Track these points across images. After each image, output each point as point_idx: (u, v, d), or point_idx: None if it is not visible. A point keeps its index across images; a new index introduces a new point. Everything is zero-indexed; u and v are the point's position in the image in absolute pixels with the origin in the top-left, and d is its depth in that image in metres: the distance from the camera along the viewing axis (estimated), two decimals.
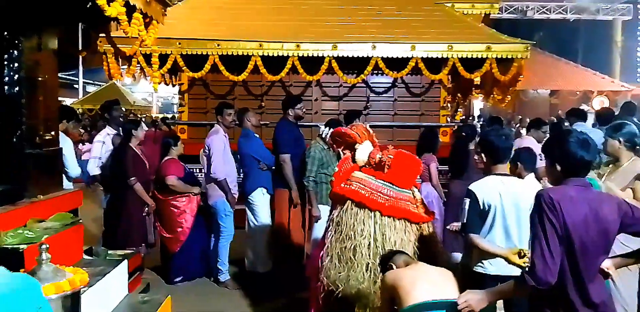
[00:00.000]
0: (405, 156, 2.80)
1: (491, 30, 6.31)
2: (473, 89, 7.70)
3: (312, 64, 5.90)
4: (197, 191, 4.56)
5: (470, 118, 11.21)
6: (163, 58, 5.82)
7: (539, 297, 2.00)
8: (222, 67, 5.81)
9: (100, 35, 4.54)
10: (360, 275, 2.59)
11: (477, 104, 20.69)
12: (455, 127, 7.52)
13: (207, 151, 4.54)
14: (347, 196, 2.76)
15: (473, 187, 2.62)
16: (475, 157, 2.99)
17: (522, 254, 2.47)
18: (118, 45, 5.00)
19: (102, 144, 4.82)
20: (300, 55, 5.77)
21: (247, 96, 6.66)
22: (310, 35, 5.89)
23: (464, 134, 5.23)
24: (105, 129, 5.02)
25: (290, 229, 4.85)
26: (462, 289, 2.15)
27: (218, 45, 5.74)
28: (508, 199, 2.56)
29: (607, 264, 2.02)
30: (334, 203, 3.01)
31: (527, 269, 1.97)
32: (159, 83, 6.22)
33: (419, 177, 4.89)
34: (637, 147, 2.97)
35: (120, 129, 4.85)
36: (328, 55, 5.76)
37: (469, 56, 5.76)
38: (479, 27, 6.32)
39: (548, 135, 5.06)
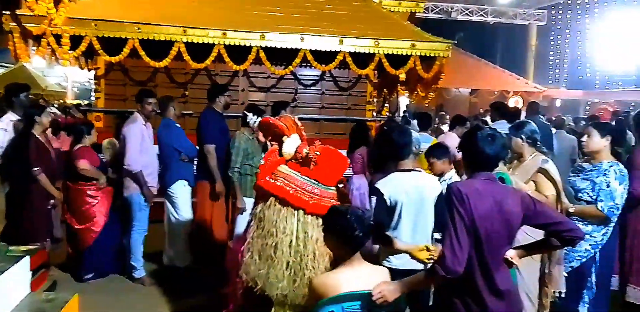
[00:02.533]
0: (333, 153, 2.76)
1: (416, 28, 6.48)
2: (398, 85, 7.90)
3: (239, 53, 5.77)
4: (103, 181, 4.33)
5: (397, 113, 11.54)
6: (77, 40, 5.43)
7: (448, 287, 2.08)
8: (142, 53, 5.53)
9: (4, 12, 4.15)
10: (280, 273, 2.55)
11: (404, 100, 21.36)
12: (381, 121, 7.69)
13: (122, 140, 4.30)
14: (271, 191, 2.69)
15: (379, 185, 2.66)
16: None
17: (428, 249, 2.56)
18: (25, 24, 4.60)
19: (4, 131, 4.41)
20: (227, 43, 5.62)
21: (170, 84, 6.40)
22: (237, 24, 5.75)
23: (386, 128, 5.35)
24: (8, 114, 4.60)
25: (213, 222, 4.73)
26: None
27: (138, 29, 5.44)
28: (413, 194, 2.63)
29: (511, 254, 2.12)
30: (257, 196, 2.95)
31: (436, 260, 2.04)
32: (74, 66, 5.82)
33: (351, 171, 4.99)
34: (538, 143, 3.17)
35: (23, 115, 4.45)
36: (256, 45, 5.65)
37: (395, 53, 5.89)
38: (405, 25, 6.47)
39: None
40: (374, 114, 7.28)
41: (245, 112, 4.48)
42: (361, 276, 2.12)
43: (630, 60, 21.11)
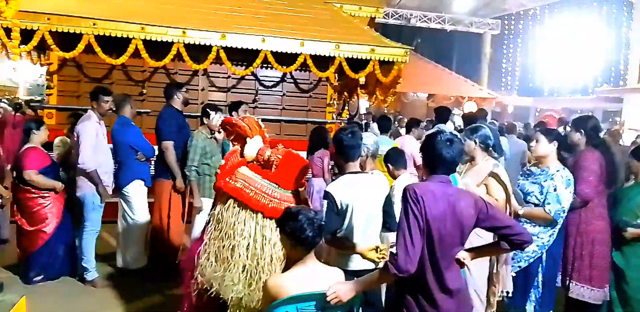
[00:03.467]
0: (294, 157, 2.75)
1: (376, 33, 6.61)
2: (358, 88, 8.01)
3: (199, 52, 5.70)
4: (60, 188, 4.19)
5: (357, 116, 11.71)
6: (29, 34, 5.22)
7: (401, 284, 2.14)
8: (98, 49, 5.37)
9: None
10: (236, 276, 2.53)
11: (364, 103, 21.65)
12: (341, 124, 7.77)
13: (76, 139, 4.17)
14: (230, 193, 2.67)
15: (330, 188, 2.67)
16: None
17: (379, 250, 2.62)
18: None
19: None
20: (187, 42, 5.54)
21: (127, 82, 6.25)
22: (198, 23, 5.68)
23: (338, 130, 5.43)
24: None
25: (170, 222, 4.64)
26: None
27: (94, 24, 5.29)
28: (363, 196, 2.67)
29: (464, 255, 2.19)
30: (216, 197, 2.92)
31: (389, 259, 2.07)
32: (27, 61, 5.59)
33: (311, 173, 5.02)
34: (490, 148, 3.29)
35: None
36: (216, 45, 5.60)
37: (355, 56, 5.97)
38: (365, 30, 6.58)
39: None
40: (334, 116, 7.35)
41: (208, 109, 4.44)
42: (315, 277, 2.14)
43: (577, 70, 22.22)
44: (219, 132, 4.47)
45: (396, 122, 10.98)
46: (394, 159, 3.45)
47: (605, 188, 3.53)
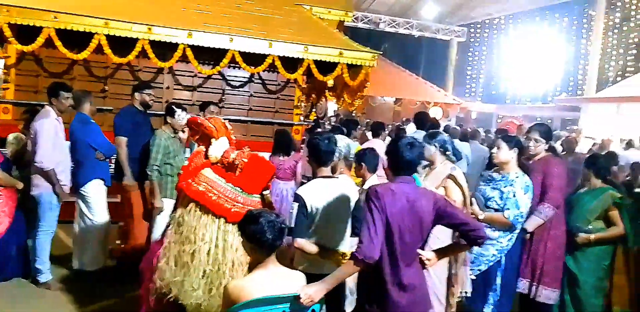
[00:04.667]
0: (260, 161, 2.72)
1: (344, 37, 6.63)
2: (326, 91, 8.02)
3: (165, 49, 5.59)
4: (21, 187, 4.04)
5: (324, 118, 11.74)
6: None
7: (364, 276, 2.28)
8: (58, 43, 5.18)
9: None
10: (196, 281, 2.48)
11: (332, 105, 21.76)
12: (309, 126, 7.77)
13: (33, 136, 4.02)
14: (192, 197, 2.61)
15: (301, 191, 2.67)
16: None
17: (345, 256, 2.63)
18: None
19: None
20: (152, 39, 5.41)
21: (88, 78, 6.06)
22: (164, 20, 5.56)
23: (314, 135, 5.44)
24: None
25: (133, 221, 4.53)
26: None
27: (55, 17, 5.10)
28: (333, 200, 2.67)
29: (429, 256, 2.31)
30: (178, 198, 2.86)
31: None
32: None
33: (280, 177, 4.99)
34: (448, 152, 3.38)
35: None
36: (182, 43, 5.50)
37: (323, 59, 5.98)
38: (334, 33, 6.59)
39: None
40: (301, 118, 7.34)
41: (174, 107, 4.37)
42: (276, 280, 2.13)
43: (537, 79, 22.97)
44: (183, 131, 4.40)
45: (362, 126, 11.06)
46: (369, 161, 3.47)
47: None
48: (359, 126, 7.58)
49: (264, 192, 2.78)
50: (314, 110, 11.08)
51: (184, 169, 2.82)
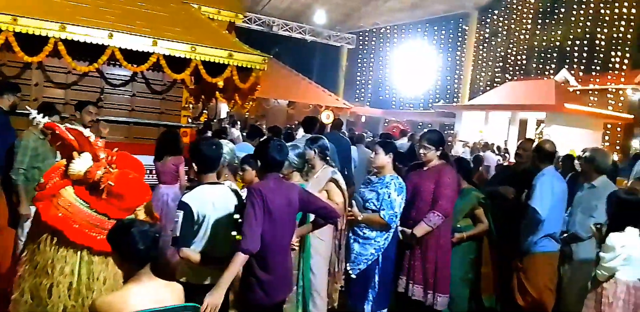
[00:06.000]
0: (130, 183, 2.38)
1: (235, 38, 6.56)
2: (217, 92, 7.86)
3: (33, 42, 5.09)
4: None
5: (215, 120, 11.49)
6: None
7: (250, 266, 2.53)
8: None
9: None
10: None
11: (225, 107, 21.37)
12: (198, 128, 7.55)
13: None
14: (50, 223, 2.26)
15: (187, 199, 2.57)
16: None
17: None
18: None
19: None
20: (18, 31, 4.91)
21: None
22: (32, 10, 5.06)
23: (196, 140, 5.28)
24: None
25: None
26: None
27: None
28: (220, 207, 2.63)
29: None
30: (36, 216, 2.43)
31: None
32: None
33: (160, 181, 4.75)
34: (328, 158, 3.49)
35: None
36: (54, 36, 5.05)
37: (211, 60, 5.85)
38: (224, 34, 6.49)
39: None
40: (189, 120, 7.11)
41: (28, 108, 3.97)
42: (151, 293, 2.00)
43: (419, 85, 24.66)
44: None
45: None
46: (252, 162, 3.43)
47: None
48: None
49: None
50: (205, 112, 10.81)
51: (40, 186, 2.41)
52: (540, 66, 21.96)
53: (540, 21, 21.99)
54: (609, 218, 3.17)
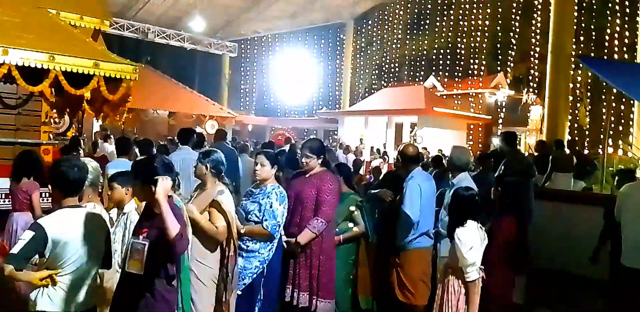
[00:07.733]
0: None
1: (101, 47, 6.14)
2: (85, 104, 7.26)
3: None
4: None
5: (83, 135, 10.59)
6: None
7: None
8: None
9: None
10: None
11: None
12: (64, 144, 6.91)
13: None
14: None
15: (43, 221, 2.34)
16: None
17: (52, 278, 2.35)
18: None
19: None
20: None
21: None
22: None
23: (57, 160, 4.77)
24: None
25: None
26: None
27: None
28: (83, 232, 2.41)
29: None
30: None
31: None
32: None
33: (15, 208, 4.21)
34: (222, 174, 3.27)
35: None
36: None
37: (74, 70, 5.39)
38: (88, 42, 6.03)
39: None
40: (51, 136, 6.48)
41: None
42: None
43: (302, 93, 25.19)
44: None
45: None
46: (123, 179, 3.17)
47: None
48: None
49: None
50: (73, 126, 9.98)
51: None
52: (412, 73, 23.69)
53: (409, 32, 23.74)
54: (448, 214, 3.42)
